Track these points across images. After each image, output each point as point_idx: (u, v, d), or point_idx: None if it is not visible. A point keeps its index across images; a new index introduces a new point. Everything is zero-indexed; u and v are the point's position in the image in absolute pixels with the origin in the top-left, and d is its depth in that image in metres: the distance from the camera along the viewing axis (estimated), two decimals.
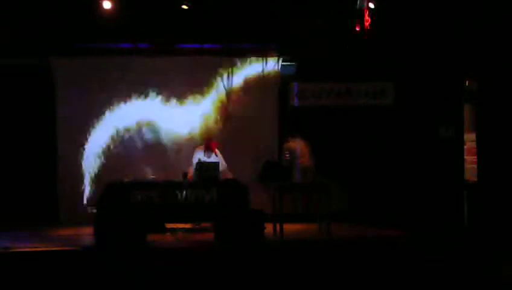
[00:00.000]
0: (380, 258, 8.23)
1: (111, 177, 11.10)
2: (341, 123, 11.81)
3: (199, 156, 10.65)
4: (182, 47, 11.76)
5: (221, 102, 11.99)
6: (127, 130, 11.77)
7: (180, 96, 11.89)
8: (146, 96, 11.80)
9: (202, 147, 10.84)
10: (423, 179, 11.38)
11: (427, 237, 9.28)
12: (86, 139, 11.66)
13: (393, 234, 9.78)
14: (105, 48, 11.58)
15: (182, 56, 11.83)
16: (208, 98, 11.97)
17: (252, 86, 12.02)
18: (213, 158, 10.61)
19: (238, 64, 11.99)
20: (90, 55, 11.58)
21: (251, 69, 12.02)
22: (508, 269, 8.24)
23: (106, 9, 10.71)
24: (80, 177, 11.59)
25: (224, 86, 12.00)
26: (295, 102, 11.92)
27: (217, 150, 10.79)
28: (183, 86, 11.89)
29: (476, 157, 10.68)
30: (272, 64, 12.03)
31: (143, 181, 10.13)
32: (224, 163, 10.73)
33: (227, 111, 11.98)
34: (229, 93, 12.01)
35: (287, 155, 10.18)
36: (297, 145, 10.22)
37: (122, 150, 11.73)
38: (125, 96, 11.74)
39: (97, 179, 11.53)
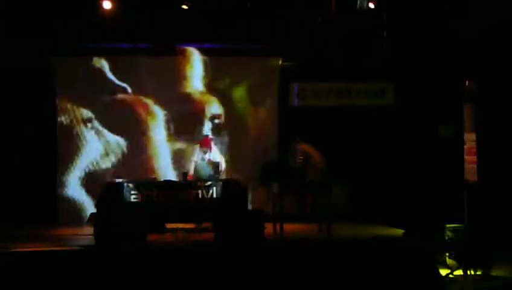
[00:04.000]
0: (380, 258, 8.23)
1: (111, 178, 11.16)
2: (341, 123, 11.80)
3: (198, 154, 10.66)
4: (182, 47, 11.76)
5: (221, 102, 11.99)
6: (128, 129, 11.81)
7: (180, 96, 11.89)
8: (145, 95, 11.82)
9: (198, 145, 10.86)
10: (423, 179, 11.37)
11: (427, 237, 9.27)
12: (86, 139, 11.67)
13: (393, 233, 9.78)
14: (105, 48, 11.58)
15: (182, 56, 11.84)
16: (207, 97, 11.97)
17: (252, 86, 12.02)
18: (209, 154, 10.61)
19: (238, 64, 11.99)
20: (90, 55, 11.59)
21: (251, 69, 12.01)
22: (507, 269, 8.26)
23: (106, 9, 10.71)
24: (80, 177, 11.60)
25: (224, 86, 12.00)
26: (295, 102, 11.91)
27: (212, 145, 10.79)
28: (182, 85, 11.90)
29: (476, 157, 10.65)
30: (271, 64, 12.03)
31: (143, 181, 10.12)
32: (219, 158, 10.75)
33: (227, 111, 11.98)
34: (228, 93, 12.01)
35: (301, 157, 10.16)
36: (309, 147, 10.22)
37: (122, 149, 11.74)
38: (125, 96, 11.75)
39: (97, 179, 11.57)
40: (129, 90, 11.79)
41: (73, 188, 11.57)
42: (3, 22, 10.76)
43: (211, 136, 11.31)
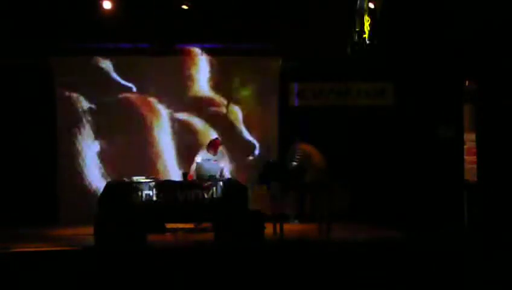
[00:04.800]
0: (379, 258, 8.23)
1: (111, 177, 11.18)
2: (341, 123, 11.80)
3: (203, 155, 10.65)
4: (182, 47, 11.77)
5: (221, 102, 12.00)
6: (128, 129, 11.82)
7: (180, 96, 11.90)
8: (146, 96, 11.82)
9: (206, 146, 10.84)
10: (423, 179, 11.37)
11: (427, 237, 9.28)
12: (86, 139, 11.67)
13: (393, 234, 9.78)
14: (105, 48, 11.59)
15: (182, 56, 11.84)
16: (208, 98, 11.98)
17: (252, 86, 12.02)
18: (218, 156, 10.61)
19: (238, 64, 11.99)
20: (90, 55, 11.59)
21: (251, 69, 12.02)
22: (508, 269, 8.25)
23: (106, 9, 10.71)
24: (80, 177, 11.60)
25: (224, 86, 12.01)
26: (295, 102, 11.92)
27: (220, 148, 10.79)
28: (183, 86, 11.90)
29: (476, 157, 10.67)
30: (271, 64, 12.03)
31: (143, 181, 10.13)
32: (227, 162, 10.75)
33: (228, 111, 11.99)
34: (229, 93, 12.01)
35: (299, 157, 10.13)
36: (310, 146, 10.20)
37: (122, 149, 11.74)
38: (125, 96, 11.76)
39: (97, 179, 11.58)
40: (129, 90, 11.78)
41: (74, 187, 11.56)
42: (3, 21, 10.76)
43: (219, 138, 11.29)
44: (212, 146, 10.67)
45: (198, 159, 10.60)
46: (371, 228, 10.29)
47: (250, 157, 11.77)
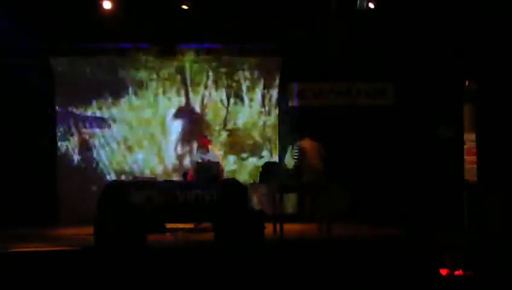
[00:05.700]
0: (379, 258, 8.23)
1: (111, 177, 11.17)
2: (341, 123, 11.80)
3: (196, 155, 10.67)
4: (182, 47, 11.77)
5: (221, 102, 12.00)
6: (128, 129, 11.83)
7: (180, 96, 11.90)
8: (146, 95, 11.82)
9: (196, 146, 10.86)
10: (423, 179, 11.38)
11: (427, 237, 9.27)
12: (86, 139, 11.67)
13: (393, 234, 9.78)
14: (105, 48, 11.59)
15: (182, 56, 11.84)
16: (208, 97, 11.97)
17: (252, 86, 12.02)
18: (208, 155, 10.61)
19: (238, 64, 11.99)
20: (90, 55, 11.59)
21: (251, 69, 12.01)
22: (508, 269, 8.25)
23: (106, 9, 10.71)
24: (80, 177, 11.60)
25: (224, 86, 12.00)
26: (295, 102, 11.91)
27: (209, 147, 10.80)
28: (183, 85, 11.91)
29: (476, 157, 10.68)
30: (271, 64, 12.03)
31: (143, 181, 10.12)
32: (218, 159, 10.76)
33: (228, 111, 11.99)
34: (229, 93, 12.01)
35: (297, 154, 10.08)
36: (309, 145, 10.17)
37: (122, 149, 11.75)
38: (125, 96, 11.76)
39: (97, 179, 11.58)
40: (129, 90, 11.79)
41: (74, 187, 11.56)
42: (3, 21, 10.76)
43: (209, 137, 11.31)
44: (202, 145, 10.70)
45: (194, 158, 10.60)
46: (371, 228, 10.29)
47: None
